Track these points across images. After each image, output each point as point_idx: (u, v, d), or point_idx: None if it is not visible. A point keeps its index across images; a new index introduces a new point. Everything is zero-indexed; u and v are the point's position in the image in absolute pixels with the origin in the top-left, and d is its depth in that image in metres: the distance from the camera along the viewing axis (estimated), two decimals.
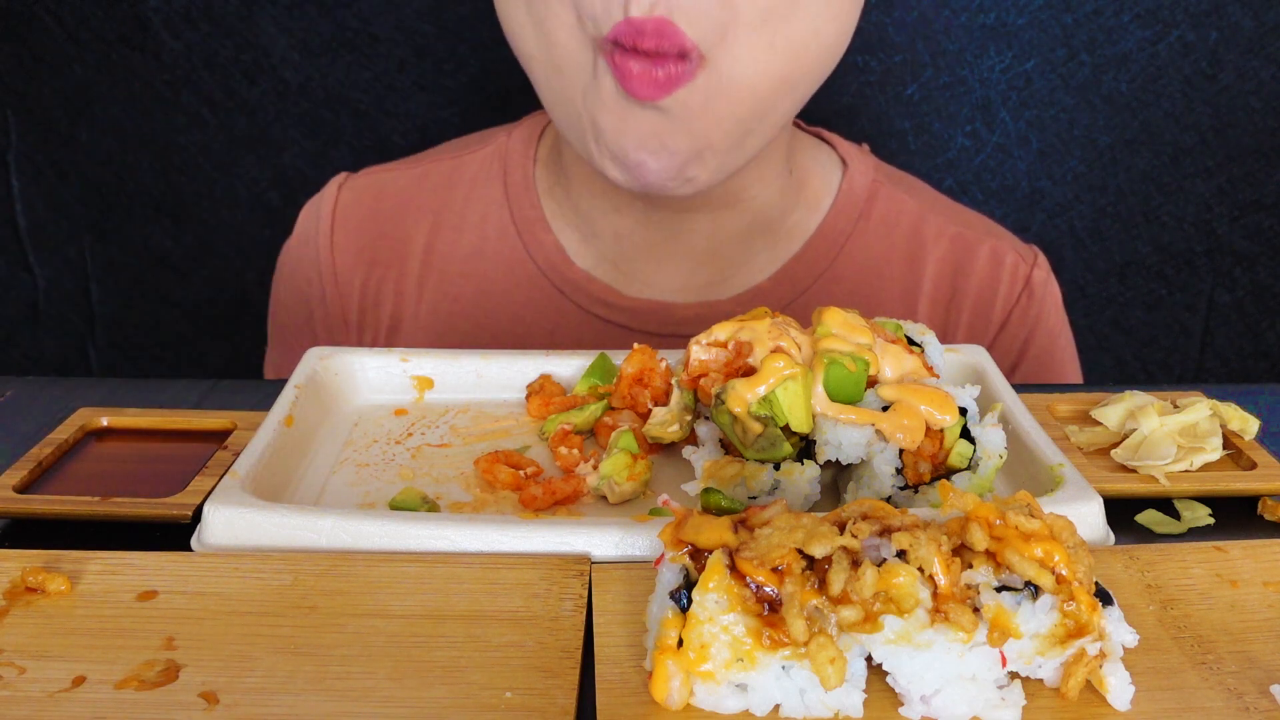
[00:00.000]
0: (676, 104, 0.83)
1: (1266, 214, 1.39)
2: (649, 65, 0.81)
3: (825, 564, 0.49)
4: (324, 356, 0.78)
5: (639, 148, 0.85)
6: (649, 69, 0.81)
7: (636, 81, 0.81)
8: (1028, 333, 1.03)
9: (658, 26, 0.79)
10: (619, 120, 0.84)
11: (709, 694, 0.49)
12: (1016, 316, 1.02)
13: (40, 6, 1.33)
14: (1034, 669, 0.50)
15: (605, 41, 0.82)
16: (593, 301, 1.00)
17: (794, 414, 0.62)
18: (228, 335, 1.48)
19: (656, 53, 0.80)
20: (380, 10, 1.33)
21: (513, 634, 0.54)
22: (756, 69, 0.84)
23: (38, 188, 1.41)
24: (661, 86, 0.81)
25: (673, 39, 0.80)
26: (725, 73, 0.83)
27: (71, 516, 0.64)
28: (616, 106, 0.84)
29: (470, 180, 1.05)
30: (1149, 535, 0.65)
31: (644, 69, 0.81)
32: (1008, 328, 1.02)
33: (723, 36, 0.81)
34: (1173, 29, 1.31)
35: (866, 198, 1.03)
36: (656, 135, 0.84)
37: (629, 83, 0.81)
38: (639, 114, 0.84)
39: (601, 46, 0.83)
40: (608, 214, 0.99)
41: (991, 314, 1.02)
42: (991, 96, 1.34)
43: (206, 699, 0.49)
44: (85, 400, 0.77)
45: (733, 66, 0.83)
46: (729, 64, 0.83)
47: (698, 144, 0.85)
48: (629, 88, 0.82)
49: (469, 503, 0.67)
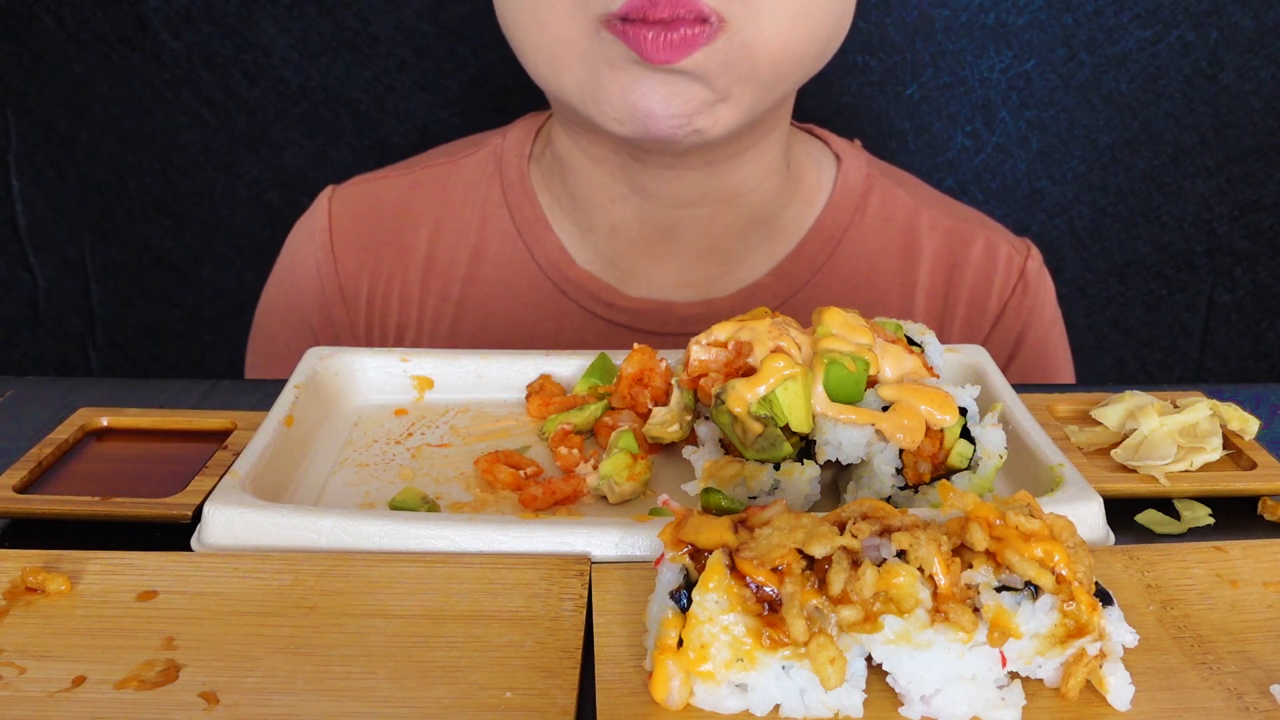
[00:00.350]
0: (694, 65, 0.81)
1: (1266, 214, 1.39)
2: (663, 30, 0.79)
3: (825, 564, 0.49)
4: (324, 356, 0.78)
5: (647, 95, 0.83)
6: (663, 33, 0.79)
7: (652, 46, 0.79)
8: (1023, 324, 1.03)
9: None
10: (627, 78, 0.83)
11: (709, 694, 0.49)
12: (1012, 308, 1.02)
13: (40, 6, 1.33)
14: (1034, 669, 0.50)
15: (612, 18, 0.80)
16: (594, 301, 1.00)
17: (794, 414, 0.62)
18: (228, 335, 1.48)
19: (672, 19, 0.79)
20: (380, 10, 1.33)
21: (513, 634, 0.54)
22: (780, 40, 0.83)
23: (38, 188, 1.42)
24: (678, 48, 0.80)
25: (688, 5, 0.79)
26: (748, 38, 0.82)
27: (71, 516, 0.64)
28: (625, 72, 0.82)
29: (467, 183, 1.05)
30: (1149, 535, 0.65)
31: (658, 33, 0.79)
32: (1003, 319, 1.02)
33: (746, 4, 0.81)
34: (1173, 29, 1.31)
35: (861, 192, 1.03)
36: (667, 84, 0.83)
37: (643, 48, 0.80)
38: (651, 75, 0.82)
39: (608, 24, 0.81)
40: (604, 207, 0.99)
41: (987, 306, 1.02)
42: (991, 96, 1.34)
43: (206, 699, 0.49)
44: (85, 400, 0.77)
45: (757, 34, 0.82)
46: (753, 31, 0.82)
47: (712, 94, 0.84)
48: (643, 53, 0.80)
49: (469, 503, 0.67)
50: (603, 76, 0.84)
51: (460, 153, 1.07)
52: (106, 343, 1.49)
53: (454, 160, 1.07)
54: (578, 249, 1.01)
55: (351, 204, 1.06)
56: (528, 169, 1.03)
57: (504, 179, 1.03)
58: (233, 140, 1.38)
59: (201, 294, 1.46)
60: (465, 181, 1.05)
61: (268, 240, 1.41)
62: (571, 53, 0.85)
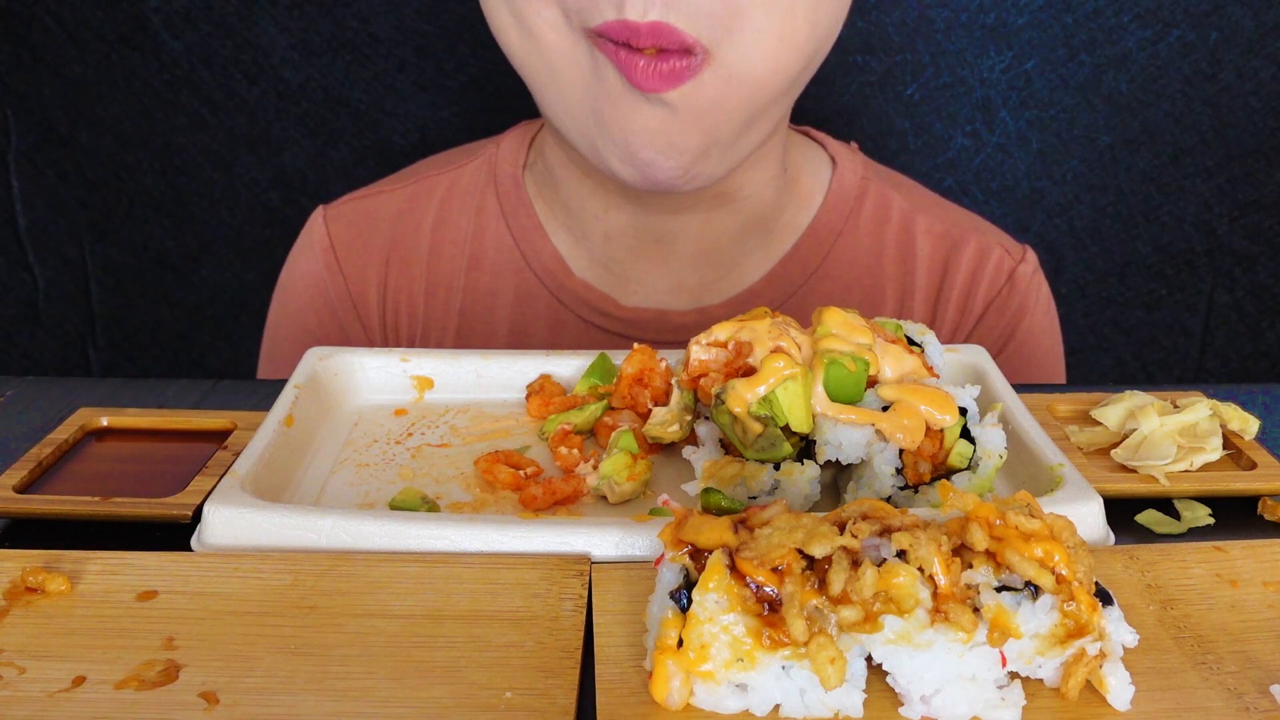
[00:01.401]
0: (683, 99, 0.82)
1: (1266, 214, 1.39)
2: (652, 59, 0.80)
3: (825, 564, 0.49)
4: (324, 356, 0.78)
5: (647, 145, 0.84)
6: (653, 62, 0.80)
7: (641, 74, 0.80)
8: (1007, 326, 1.03)
9: (653, 29, 0.79)
10: (625, 113, 0.84)
11: (709, 694, 0.49)
12: (995, 309, 1.02)
13: (40, 6, 1.33)
14: (1034, 669, 0.50)
15: (593, 34, 0.81)
16: (591, 311, 1.00)
17: (794, 414, 0.62)
18: (228, 335, 1.48)
19: (656, 49, 0.80)
20: (380, 10, 1.33)
21: (513, 634, 0.54)
22: (765, 64, 0.84)
23: (38, 188, 1.42)
24: (667, 79, 0.81)
25: (671, 37, 0.79)
26: (734, 68, 0.82)
27: (71, 516, 0.64)
28: (621, 99, 0.83)
29: (464, 193, 1.05)
30: (1149, 535, 0.65)
31: (648, 62, 0.80)
32: (985, 319, 1.02)
33: (728, 31, 0.81)
34: (1173, 29, 1.31)
35: (857, 195, 1.03)
36: (664, 133, 0.84)
37: (633, 75, 0.81)
38: (645, 108, 0.83)
39: (592, 39, 0.82)
40: (599, 215, 0.99)
41: (972, 307, 1.02)
42: (991, 96, 1.34)
43: (206, 699, 0.49)
44: (85, 400, 0.77)
45: (740, 62, 0.82)
46: (737, 59, 0.82)
47: (705, 140, 0.85)
48: (634, 80, 0.81)
49: (469, 503, 0.67)
50: (601, 107, 0.85)
51: (454, 163, 1.07)
52: (106, 343, 1.49)
53: (449, 171, 1.07)
54: (574, 257, 1.01)
55: (349, 221, 1.06)
56: (523, 178, 1.04)
57: (499, 188, 1.03)
58: (233, 140, 1.38)
59: (201, 294, 1.46)
60: (462, 191, 1.05)
61: (268, 240, 1.41)
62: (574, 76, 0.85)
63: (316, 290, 1.05)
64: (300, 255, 1.08)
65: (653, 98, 0.82)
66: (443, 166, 1.07)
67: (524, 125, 1.07)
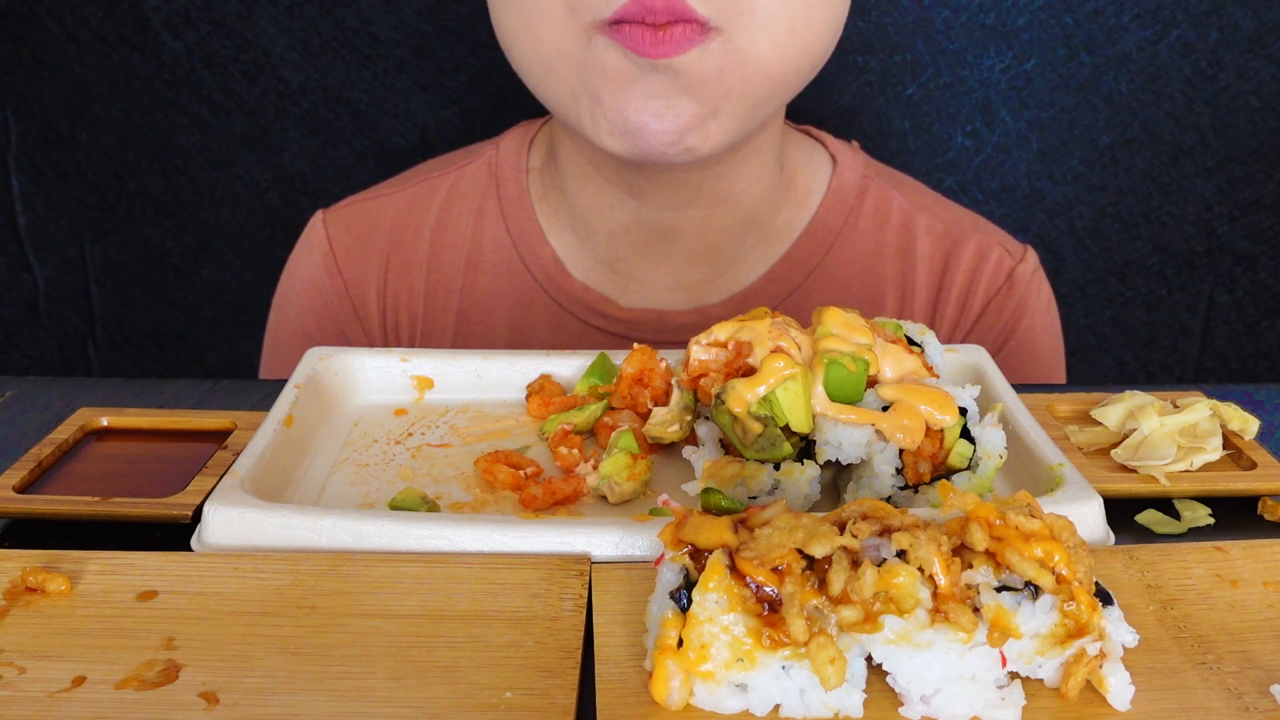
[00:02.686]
0: (689, 64, 0.82)
1: (1266, 214, 1.39)
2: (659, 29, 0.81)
3: (825, 564, 0.49)
4: (324, 356, 0.78)
5: (642, 110, 0.84)
6: (659, 32, 0.81)
7: (650, 43, 0.81)
8: (1006, 325, 1.02)
9: (669, 6, 0.80)
10: (624, 86, 0.84)
11: (709, 694, 0.49)
12: (994, 308, 1.02)
13: (40, 6, 1.33)
14: (1034, 669, 0.50)
15: (605, 24, 0.81)
16: (589, 313, 1.00)
17: (794, 414, 0.62)
18: (228, 335, 1.48)
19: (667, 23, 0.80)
20: (380, 10, 1.33)
21: (513, 634, 0.54)
22: (773, 51, 0.84)
23: (38, 188, 1.41)
24: (675, 44, 0.81)
25: (683, 11, 0.80)
26: (741, 48, 0.83)
27: (71, 516, 0.64)
28: (622, 75, 0.83)
29: (463, 196, 1.05)
30: (1149, 535, 0.65)
31: (655, 32, 0.80)
32: (984, 319, 1.02)
33: (739, 13, 0.82)
34: (1173, 29, 1.31)
35: (856, 194, 1.03)
36: (663, 96, 0.84)
37: (641, 45, 0.81)
38: (648, 77, 0.83)
39: (601, 29, 0.82)
40: (603, 213, 0.99)
41: (971, 306, 1.02)
42: (991, 96, 1.34)
43: (206, 699, 0.49)
44: (85, 400, 0.77)
45: (749, 44, 0.83)
46: (746, 41, 0.83)
47: (702, 110, 0.85)
48: (641, 49, 0.81)
49: (469, 503, 0.67)
50: (597, 85, 0.85)
51: (453, 165, 1.07)
52: (106, 343, 1.49)
53: (448, 173, 1.07)
54: (574, 259, 1.01)
55: (349, 225, 1.06)
56: (525, 181, 1.03)
57: (501, 191, 1.03)
58: (233, 140, 1.38)
59: (201, 294, 1.46)
60: (461, 194, 1.05)
61: (268, 240, 1.41)
62: (566, 65, 0.85)
63: (316, 294, 1.05)
64: (300, 259, 1.08)
65: (659, 64, 0.82)
66: (442, 169, 1.07)
67: (524, 125, 1.07)
